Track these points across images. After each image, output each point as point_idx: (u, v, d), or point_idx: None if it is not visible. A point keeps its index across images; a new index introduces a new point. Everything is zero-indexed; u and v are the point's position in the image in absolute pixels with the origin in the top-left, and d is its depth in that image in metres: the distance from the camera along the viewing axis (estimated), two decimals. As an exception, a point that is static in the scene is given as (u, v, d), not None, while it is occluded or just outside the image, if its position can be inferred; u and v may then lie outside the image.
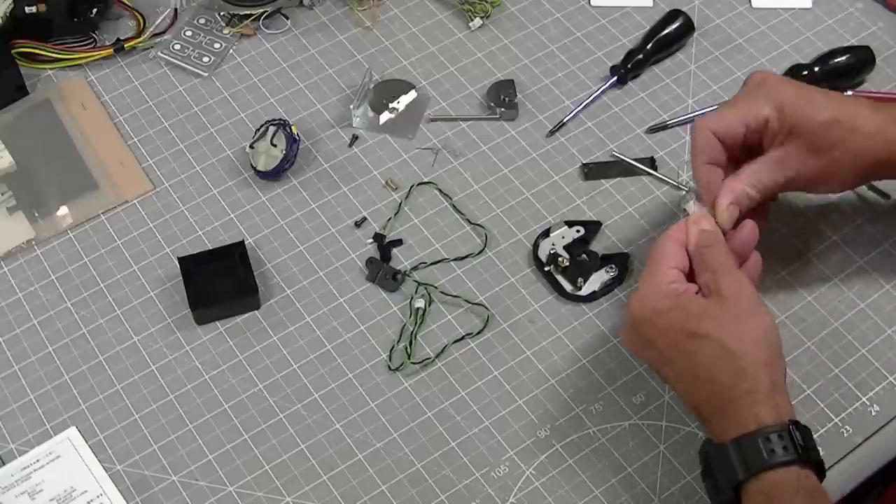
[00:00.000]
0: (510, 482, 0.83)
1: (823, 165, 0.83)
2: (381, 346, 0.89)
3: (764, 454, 0.72)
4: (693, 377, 0.76)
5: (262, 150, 0.97)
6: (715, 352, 0.75)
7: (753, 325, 0.76)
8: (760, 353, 0.75)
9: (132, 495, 0.82)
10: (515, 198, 0.98)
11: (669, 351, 0.77)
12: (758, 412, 0.73)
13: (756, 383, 0.74)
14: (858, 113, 0.83)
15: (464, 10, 1.10)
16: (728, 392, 0.74)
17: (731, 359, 0.74)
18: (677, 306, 0.77)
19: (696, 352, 0.75)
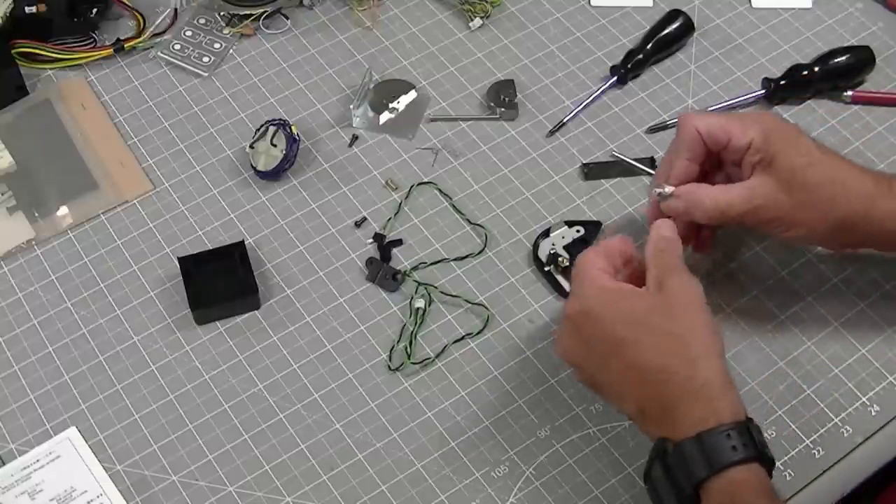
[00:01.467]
0: (510, 482, 0.83)
1: (793, 206, 0.82)
2: (381, 346, 0.89)
3: (727, 450, 0.71)
4: (639, 372, 0.74)
5: (262, 150, 0.97)
6: (666, 341, 0.74)
7: (703, 318, 0.76)
8: (713, 345, 0.75)
9: (132, 495, 0.82)
10: (515, 198, 0.98)
11: (612, 347, 0.75)
12: (716, 407, 0.72)
13: (711, 374, 0.73)
14: (845, 168, 0.83)
15: (464, 10, 1.10)
16: (683, 383, 0.73)
17: (685, 348, 0.74)
18: (622, 299, 0.77)
19: (645, 342, 0.74)
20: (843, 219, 0.82)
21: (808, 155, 0.82)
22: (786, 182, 0.81)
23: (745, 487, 0.71)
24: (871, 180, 0.83)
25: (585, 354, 0.78)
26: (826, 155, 0.83)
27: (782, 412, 0.86)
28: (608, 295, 0.77)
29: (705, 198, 0.83)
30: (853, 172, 0.83)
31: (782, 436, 0.85)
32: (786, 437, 0.85)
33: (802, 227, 0.83)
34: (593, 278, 0.78)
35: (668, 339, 0.74)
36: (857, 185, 0.82)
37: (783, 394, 0.87)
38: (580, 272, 0.79)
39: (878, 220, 0.82)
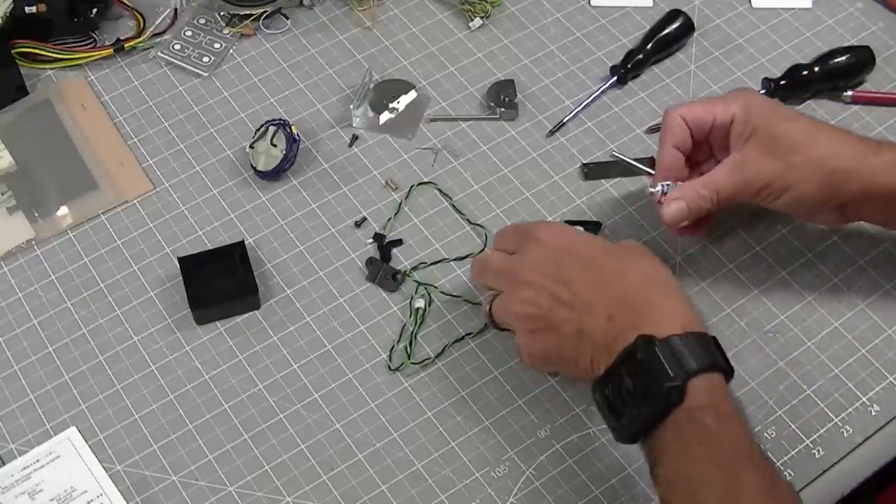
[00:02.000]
0: (510, 482, 0.83)
1: (781, 170, 0.83)
2: (381, 346, 0.89)
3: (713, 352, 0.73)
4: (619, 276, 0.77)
5: (262, 150, 0.97)
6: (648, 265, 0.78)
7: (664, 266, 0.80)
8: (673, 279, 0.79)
9: (132, 495, 0.82)
10: (515, 198, 0.98)
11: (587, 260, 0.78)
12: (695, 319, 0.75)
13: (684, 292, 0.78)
14: (828, 128, 0.85)
15: (464, 10, 1.10)
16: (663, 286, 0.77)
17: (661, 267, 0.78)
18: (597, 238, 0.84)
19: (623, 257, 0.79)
20: (832, 174, 0.83)
21: (790, 118, 0.85)
22: (770, 146, 0.83)
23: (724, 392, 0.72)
24: (855, 139, 0.85)
25: (553, 271, 0.79)
26: (809, 119, 0.85)
27: (782, 412, 0.86)
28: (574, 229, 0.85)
29: (702, 190, 0.85)
30: (837, 132, 0.85)
31: (782, 436, 0.85)
32: (786, 437, 0.85)
33: (794, 189, 0.83)
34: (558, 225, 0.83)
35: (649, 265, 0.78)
36: (841, 142, 0.84)
37: (783, 394, 0.87)
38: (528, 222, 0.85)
39: (869, 173, 0.83)
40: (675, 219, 0.86)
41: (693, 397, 0.70)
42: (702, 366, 0.71)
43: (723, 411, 0.71)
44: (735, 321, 0.90)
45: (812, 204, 0.85)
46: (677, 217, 0.86)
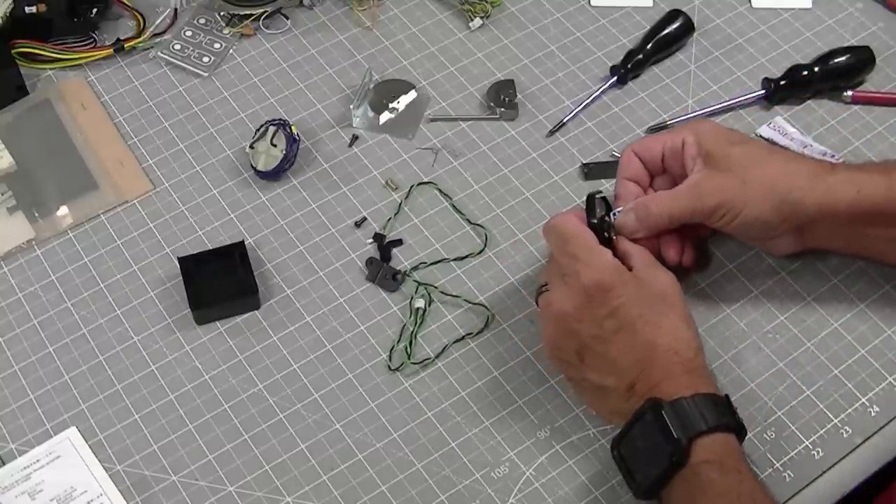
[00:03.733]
0: (510, 483, 0.83)
1: (736, 188, 0.83)
2: (381, 346, 0.89)
3: (720, 412, 0.75)
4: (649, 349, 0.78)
5: (262, 150, 0.97)
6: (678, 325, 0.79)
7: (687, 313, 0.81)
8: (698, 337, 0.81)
9: (132, 495, 0.82)
10: (515, 198, 0.98)
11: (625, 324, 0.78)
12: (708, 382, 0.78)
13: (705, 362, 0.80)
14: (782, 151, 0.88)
15: (464, 10, 1.10)
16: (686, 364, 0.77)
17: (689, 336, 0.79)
18: (633, 278, 0.80)
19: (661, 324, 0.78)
20: (788, 192, 0.83)
21: (743, 142, 0.86)
22: (724, 165, 0.84)
23: (729, 448, 0.75)
24: (810, 160, 0.87)
25: (589, 325, 0.79)
26: (761, 142, 0.88)
27: (782, 413, 0.86)
28: (623, 274, 0.80)
29: (651, 205, 0.85)
30: (791, 154, 0.88)
31: (782, 436, 0.85)
32: (786, 437, 0.85)
33: (750, 209, 0.83)
34: (600, 251, 0.81)
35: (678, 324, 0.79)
36: (796, 162, 0.86)
37: (783, 394, 0.87)
38: (582, 242, 0.81)
39: (824, 191, 0.83)
40: (625, 229, 0.85)
41: (697, 455, 0.73)
42: (709, 426, 0.74)
43: (729, 465, 0.73)
44: (735, 322, 0.90)
45: (768, 225, 0.85)
46: (627, 227, 0.85)
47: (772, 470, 0.83)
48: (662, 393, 0.76)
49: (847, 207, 0.83)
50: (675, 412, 0.74)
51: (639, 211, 0.85)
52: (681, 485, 0.74)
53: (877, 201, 0.83)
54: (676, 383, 0.76)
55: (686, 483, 0.73)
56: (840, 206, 0.83)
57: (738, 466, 0.74)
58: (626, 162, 0.89)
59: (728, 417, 0.76)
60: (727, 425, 0.75)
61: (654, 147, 0.88)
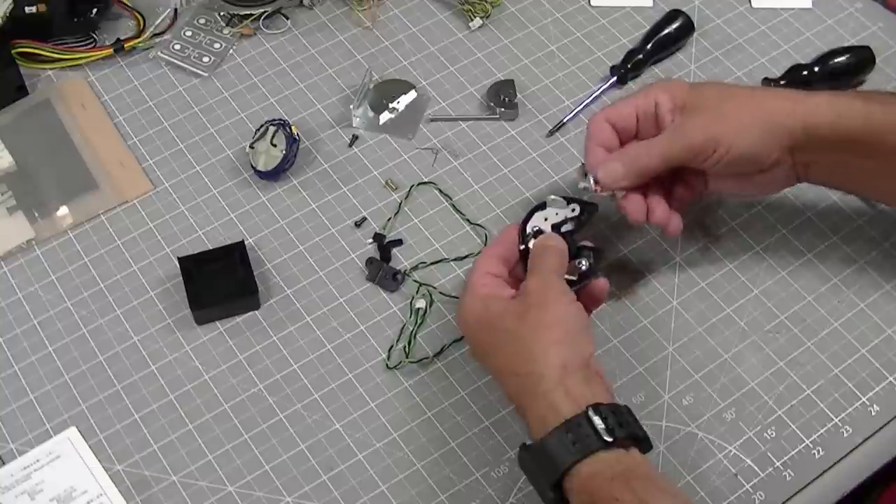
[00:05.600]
0: (510, 482, 0.83)
1: (719, 120, 0.83)
2: (381, 346, 0.89)
3: (570, 449, 0.70)
4: (500, 375, 0.78)
5: (262, 150, 0.97)
6: (513, 343, 0.76)
7: (548, 311, 0.76)
8: (550, 335, 0.75)
9: (132, 495, 0.82)
10: (515, 198, 0.98)
11: (482, 353, 0.80)
12: (553, 400, 0.72)
13: (545, 366, 0.74)
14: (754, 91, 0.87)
15: (464, 10, 1.10)
16: (527, 383, 0.74)
17: (523, 344, 0.75)
18: (486, 308, 0.79)
19: (499, 348, 0.78)
20: (770, 117, 0.83)
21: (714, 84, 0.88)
22: (704, 107, 0.84)
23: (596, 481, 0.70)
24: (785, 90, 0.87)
25: (478, 355, 0.81)
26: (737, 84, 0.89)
27: (782, 412, 0.86)
28: (478, 303, 0.80)
29: (638, 150, 0.85)
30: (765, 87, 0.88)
31: (782, 436, 0.85)
32: (786, 437, 0.85)
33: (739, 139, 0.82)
34: (474, 286, 0.81)
35: (514, 343, 0.77)
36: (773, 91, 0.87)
37: (783, 394, 0.87)
38: (470, 275, 0.82)
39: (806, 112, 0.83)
40: (609, 179, 0.85)
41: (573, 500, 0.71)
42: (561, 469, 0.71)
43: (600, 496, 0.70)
44: (735, 321, 0.90)
45: (759, 154, 0.83)
46: (611, 177, 0.85)
47: (772, 469, 0.83)
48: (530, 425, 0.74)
49: (828, 131, 0.82)
50: (534, 463, 0.73)
51: (626, 161, 0.85)
52: None
53: (855, 127, 0.82)
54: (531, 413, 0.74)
55: None
56: (822, 129, 0.83)
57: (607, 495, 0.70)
58: (597, 129, 0.87)
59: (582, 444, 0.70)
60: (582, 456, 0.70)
61: (627, 111, 0.87)
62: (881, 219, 0.96)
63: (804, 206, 0.97)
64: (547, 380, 0.73)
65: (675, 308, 0.91)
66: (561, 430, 0.71)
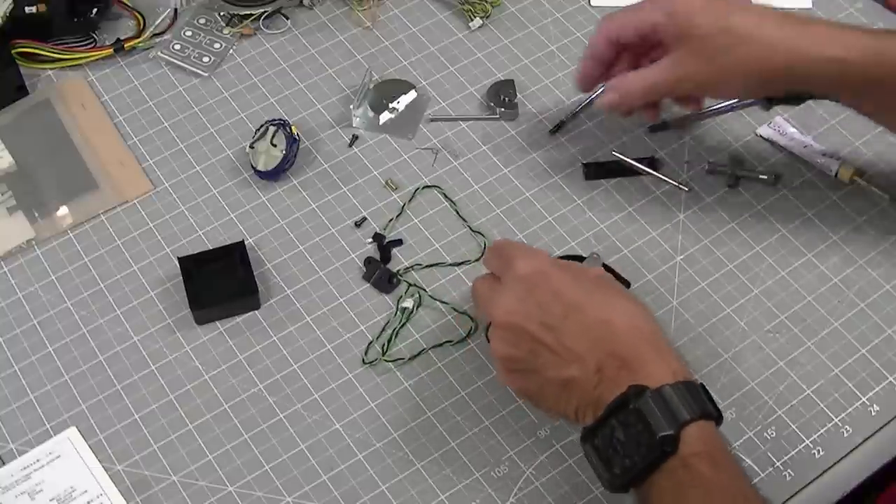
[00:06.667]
0: (510, 482, 0.83)
1: (712, 72, 0.86)
2: (381, 345, 0.89)
3: (704, 401, 0.71)
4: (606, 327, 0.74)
5: (262, 150, 0.97)
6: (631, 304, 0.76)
7: None
8: None
9: (132, 495, 0.82)
10: (515, 198, 0.98)
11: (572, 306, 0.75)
12: (684, 367, 0.73)
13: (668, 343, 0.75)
14: (761, 22, 0.85)
15: (464, 10, 1.10)
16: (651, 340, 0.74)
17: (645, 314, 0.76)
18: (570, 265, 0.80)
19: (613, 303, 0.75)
20: (765, 71, 0.86)
21: (720, 18, 0.85)
22: (701, 51, 0.86)
23: (718, 439, 0.71)
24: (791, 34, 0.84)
25: (536, 315, 0.75)
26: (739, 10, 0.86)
27: (782, 412, 0.86)
28: (556, 262, 0.79)
29: (635, 85, 0.90)
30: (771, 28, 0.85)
31: (782, 435, 0.85)
32: (786, 437, 0.85)
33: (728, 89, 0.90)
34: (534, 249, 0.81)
35: (632, 303, 0.77)
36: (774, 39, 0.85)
37: (783, 394, 0.87)
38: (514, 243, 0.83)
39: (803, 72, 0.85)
40: (609, 108, 0.93)
41: (687, 445, 0.69)
42: (694, 414, 0.70)
43: (718, 458, 0.70)
44: (735, 321, 0.90)
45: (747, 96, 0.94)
46: (610, 106, 0.92)
47: (772, 469, 0.83)
48: (638, 376, 0.71)
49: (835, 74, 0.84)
50: (662, 398, 0.70)
51: (622, 92, 0.90)
52: (667, 478, 0.69)
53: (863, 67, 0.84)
54: (650, 364, 0.72)
55: (673, 477, 0.69)
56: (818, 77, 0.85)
57: (728, 460, 0.71)
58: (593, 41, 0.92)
59: (709, 405, 0.72)
60: (709, 413, 0.71)
61: (626, 30, 0.90)
62: (881, 219, 0.96)
63: (804, 206, 0.97)
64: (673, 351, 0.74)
65: (675, 308, 0.91)
66: (692, 385, 0.71)
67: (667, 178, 0.98)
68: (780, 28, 0.85)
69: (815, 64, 0.84)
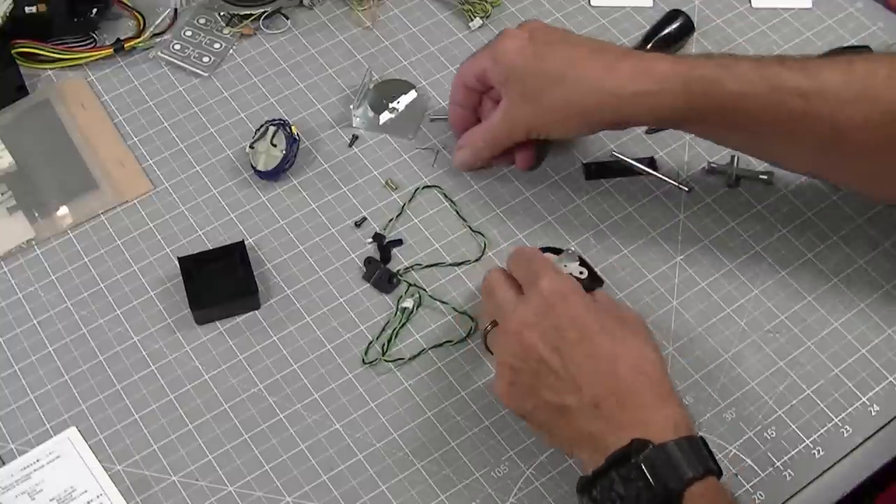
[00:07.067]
0: (510, 482, 0.83)
1: (538, 113, 0.88)
2: (381, 346, 0.89)
3: (707, 457, 0.70)
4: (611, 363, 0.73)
5: (262, 150, 0.97)
6: (643, 344, 0.75)
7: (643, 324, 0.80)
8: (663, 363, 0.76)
9: (132, 495, 0.82)
10: (515, 198, 0.98)
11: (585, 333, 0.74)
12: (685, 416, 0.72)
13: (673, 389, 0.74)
14: (574, 61, 0.85)
15: (464, 10, 1.10)
16: (654, 386, 0.73)
17: (653, 357, 0.75)
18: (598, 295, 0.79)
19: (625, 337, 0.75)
20: (585, 110, 0.86)
21: (540, 60, 0.87)
22: (521, 94, 0.88)
23: (723, 495, 0.71)
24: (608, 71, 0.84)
25: (549, 335, 0.75)
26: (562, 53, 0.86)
27: (782, 412, 0.86)
28: (582, 290, 0.78)
29: (478, 139, 0.94)
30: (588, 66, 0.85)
31: (782, 435, 0.85)
32: (786, 437, 0.85)
33: (558, 129, 0.89)
34: (563, 271, 0.80)
35: (643, 343, 0.76)
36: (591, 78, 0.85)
37: (783, 394, 0.87)
38: (546, 260, 0.82)
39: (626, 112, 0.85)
40: (464, 167, 0.97)
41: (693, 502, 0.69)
42: (697, 472, 0.69)
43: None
44: (735, 321, 0.90)
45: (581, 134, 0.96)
46: (465, 165, 0.97)
47: (772, 469, 0.83)
48: (635, 420, 0.71)
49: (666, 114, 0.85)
50: (667, 456, 0.69)
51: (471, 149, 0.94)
52: None
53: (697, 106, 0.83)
54: (650, 411, 0.71)
55: None
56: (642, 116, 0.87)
57: None
58: (455, 89, 0.96)
59: (710, 461, 0.70)
60: (711, 470, 0.70)
61: (469, 77, 0.93)
62: (881, 219, 0.96)
63: (804, 205, 0.97)
64: (677, 399, 0.73)
65: (675, 308, 0.91)
66: (693, 441, 0.70)
67: (667, 178, 0.98)
68: (589, 65, 0.85)
69: (624, 101, 0.84)
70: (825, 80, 0.80)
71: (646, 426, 0.71)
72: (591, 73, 0.85)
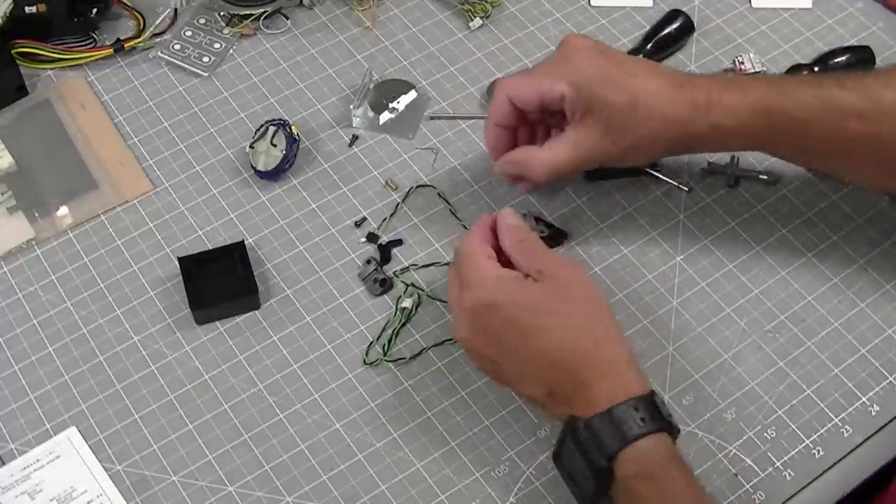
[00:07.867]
0: (510, 482, 0.83)
1: (619, 149, 0.85)
2: (381, 346, 0.89)
3: (636, 423, 0.72)
4: (549, 356, 0.76)
5: (262, 150, 0.97)
6: (572, 324, 0.76)
7: (600, 302, 0.78)
8: (614, 326, 0.78)
9: (132, 495, 0.82)
10: (515, 198, 0.98)
11: (519, 336, 0.76)
12: (625, 381, 0.75)
13: (616, 353, 0.76)
14: (659, 94, 0.84)
15: (464, 10, 1.10)
16: (592, 362, 0.75)
17: (590, 330, 0.76)
18: (521, 287, 0.78)
19: (552, 327, 0.76)
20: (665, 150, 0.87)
21: (624, 92, 0.83)
22: (608, 127, 0.84)
23: (654, 456, 0.73)
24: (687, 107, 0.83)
25: (490, 344, 0.78)
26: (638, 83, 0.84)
27: (782, 412, 0.86)
28: (506, 284, 0.78)
29: (535, 163, 0.87)
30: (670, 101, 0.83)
31: (783, 435, 0.85)
32: (786, 436, 0.85)
33: (631, 160, 0.88)
34: (486, 267, 0.79)
35: (573, 322, 0.77)
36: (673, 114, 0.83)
37: (783, 393, 0.87)
38: (469, 262, 0.80)
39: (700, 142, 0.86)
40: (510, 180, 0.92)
41: (624, 469, 0.72)
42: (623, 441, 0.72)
43: (655, 474, 0.72)
44: (735, 321, 0.90)
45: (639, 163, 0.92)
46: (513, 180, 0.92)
47: (772, 469, 0.83)
48: (580, 404, 0.74)
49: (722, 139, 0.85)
50: (591, 433, 0.73)
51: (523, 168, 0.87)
52: (621, 497, 0.73)
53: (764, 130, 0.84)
54: (593, 390, 0.74)
55: (625, 495, 0.73)
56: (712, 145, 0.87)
57: (667, 473, 0.73)
58: (500, 108, 0.87)
59: (651, 422, 0.73)
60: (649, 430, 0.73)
61: (530, 97, 0.86)
62: (881, 219, 0.96)
63: (804, 206, 0.97)
64: (618, 363, 0.76)
65: (675, 308, 0.91)
66: (630, 405, 0.73)
67: (667, 178, 0.98)
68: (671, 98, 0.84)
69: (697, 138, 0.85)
70: (882, 99, 0.82)
71: (590, 402, 0.74)
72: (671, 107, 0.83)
